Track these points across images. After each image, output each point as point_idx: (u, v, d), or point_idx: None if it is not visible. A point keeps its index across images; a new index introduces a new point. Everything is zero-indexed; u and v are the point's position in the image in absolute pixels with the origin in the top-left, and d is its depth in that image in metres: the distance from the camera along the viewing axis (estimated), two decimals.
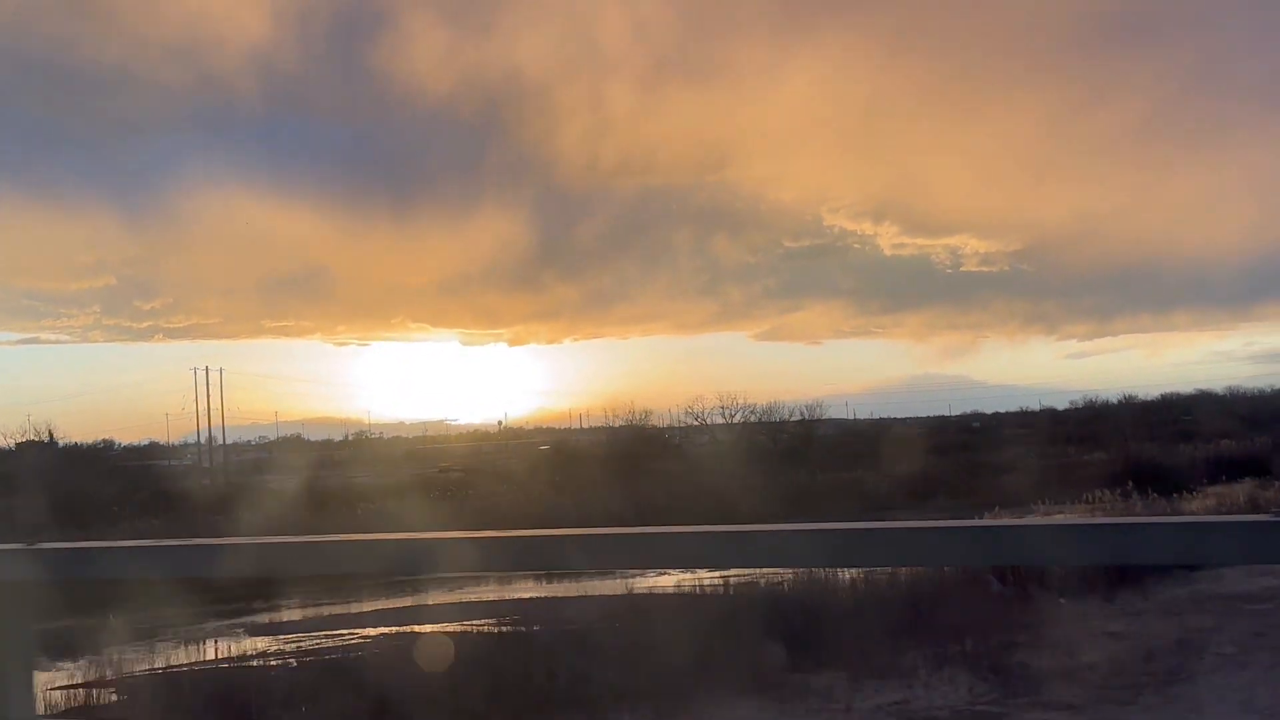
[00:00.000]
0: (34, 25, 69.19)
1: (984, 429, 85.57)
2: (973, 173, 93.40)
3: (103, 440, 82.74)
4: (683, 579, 29.36)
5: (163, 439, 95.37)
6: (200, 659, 24.32)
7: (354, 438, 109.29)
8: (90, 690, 22.13)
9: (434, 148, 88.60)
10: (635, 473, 52.88)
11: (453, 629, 25.32)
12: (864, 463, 54.69)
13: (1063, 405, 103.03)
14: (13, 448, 64.35)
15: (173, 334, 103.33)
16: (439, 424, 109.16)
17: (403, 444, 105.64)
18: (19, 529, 30.95)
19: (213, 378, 79.88)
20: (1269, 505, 33.13)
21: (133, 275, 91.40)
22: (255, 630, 27.41)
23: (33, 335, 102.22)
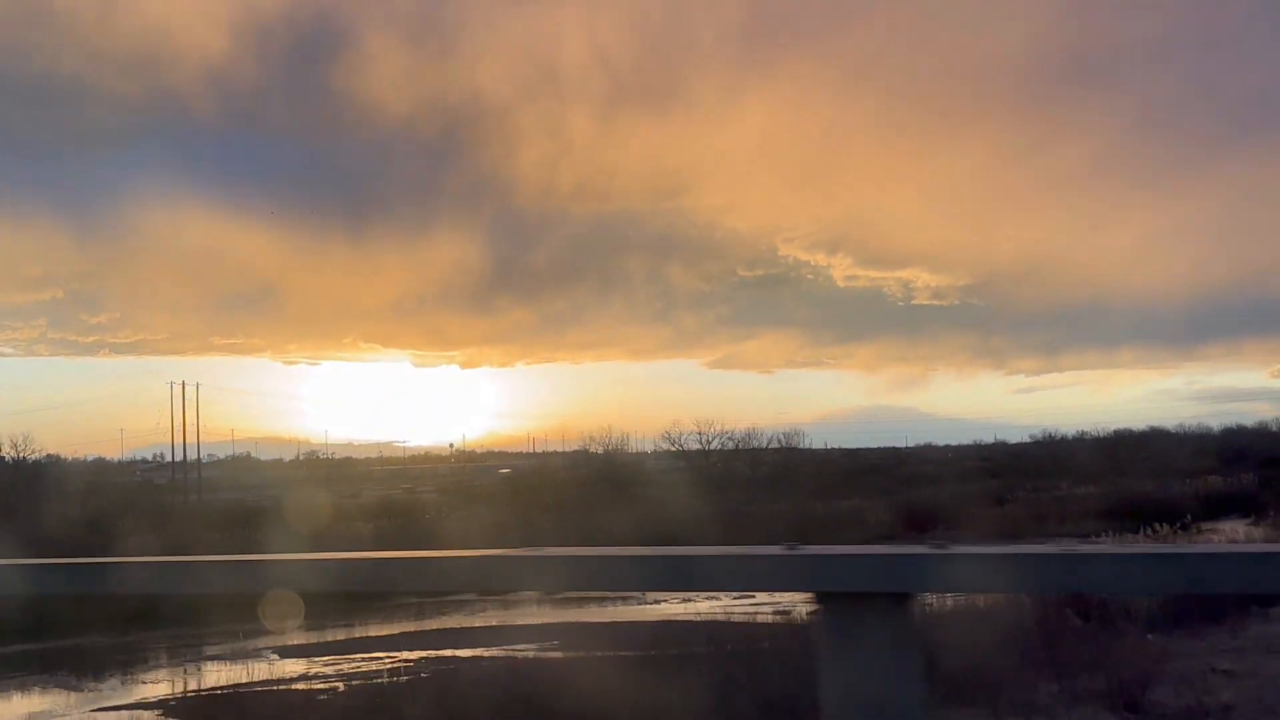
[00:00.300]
0: None
1: (949, 460, 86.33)
2: (926, 207, 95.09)
3: (48, 455, 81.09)
4: (715, 604, 29.28)
5: (110, 455, 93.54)
6: (242, 681, 23.77)
7: (305, 457, 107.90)
8: (135, 714, 21.63)
9: (391, 168, 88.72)
10: (624, 499, 52.66)
11: (495, 653, 25.03)
12: (849, 492, 54.92)
13: (1014, 439, 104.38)
14: None
15: (119, 349, 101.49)
16: (388, 445, 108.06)
17: (356, 465, 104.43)
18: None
19: (185, 392, 78.04)
20: None
21: (81, 289, 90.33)
22: (286, 652, 26.89)
23: None
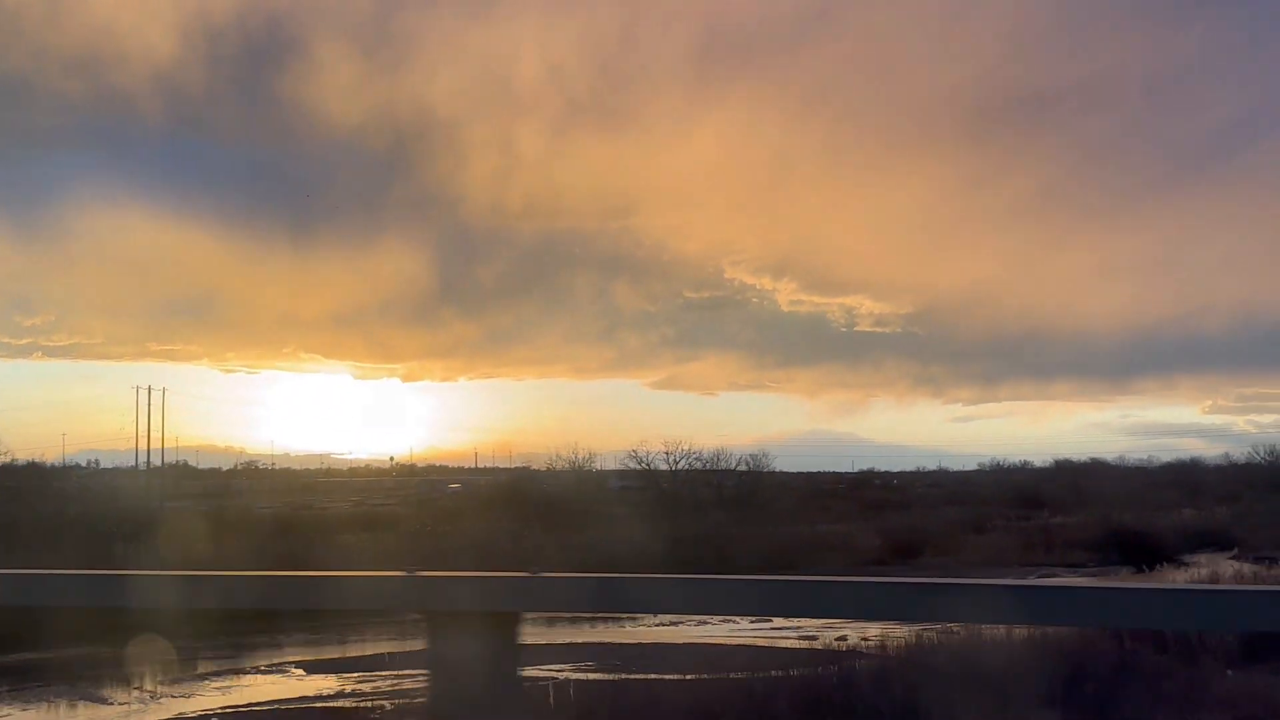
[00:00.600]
0: None
1: (904, 487, 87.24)
2: (872, 235, 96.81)
3: None
4: (741, 632, 29.38)
5: (42, 459, 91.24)
6: (279, 698, 23.34)
7: (244, 466, 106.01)
8: None
9: (338, 178, 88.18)
10: (591, 517, 52.50)
11: (536, 673, 24.81)
12: (825, 516, 55.30)
13: (954, 467, 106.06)
14: None
15: (52, 352, 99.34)
16: (326, 456, 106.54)
17: (297, 475, 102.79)
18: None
19: (155, 399, 76.49)
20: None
21: (15, 290, 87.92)
22: (312, 668, 26.45)
23: None
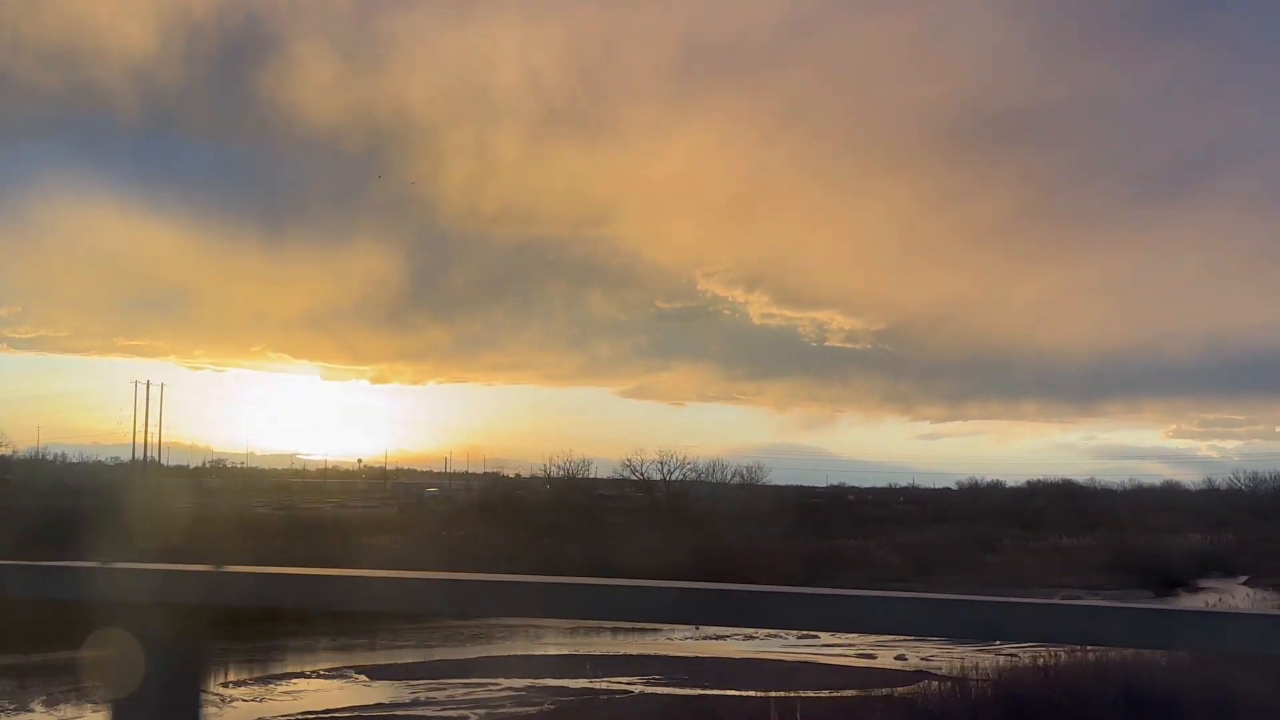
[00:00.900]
0: None
1: (877, 503, 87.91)
2: (845, 251, 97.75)
3: None
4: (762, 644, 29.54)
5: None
6: (354, 704, 23.18)
7: (211, 465, 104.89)
8: None
9: (312, 177, 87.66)
10: (606, 527, 52.59)
11: (607, 685, 24.83)
12: (828, 530, 55.63)
13: (924, 484, 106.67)
14: None
15: (17, 344, 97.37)
16: (291, 456, 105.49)
17: (266, 475, 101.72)
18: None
19: (150, 392, 75.59)
20: None
21: None
22: (374, 674, 26.29)
23: None
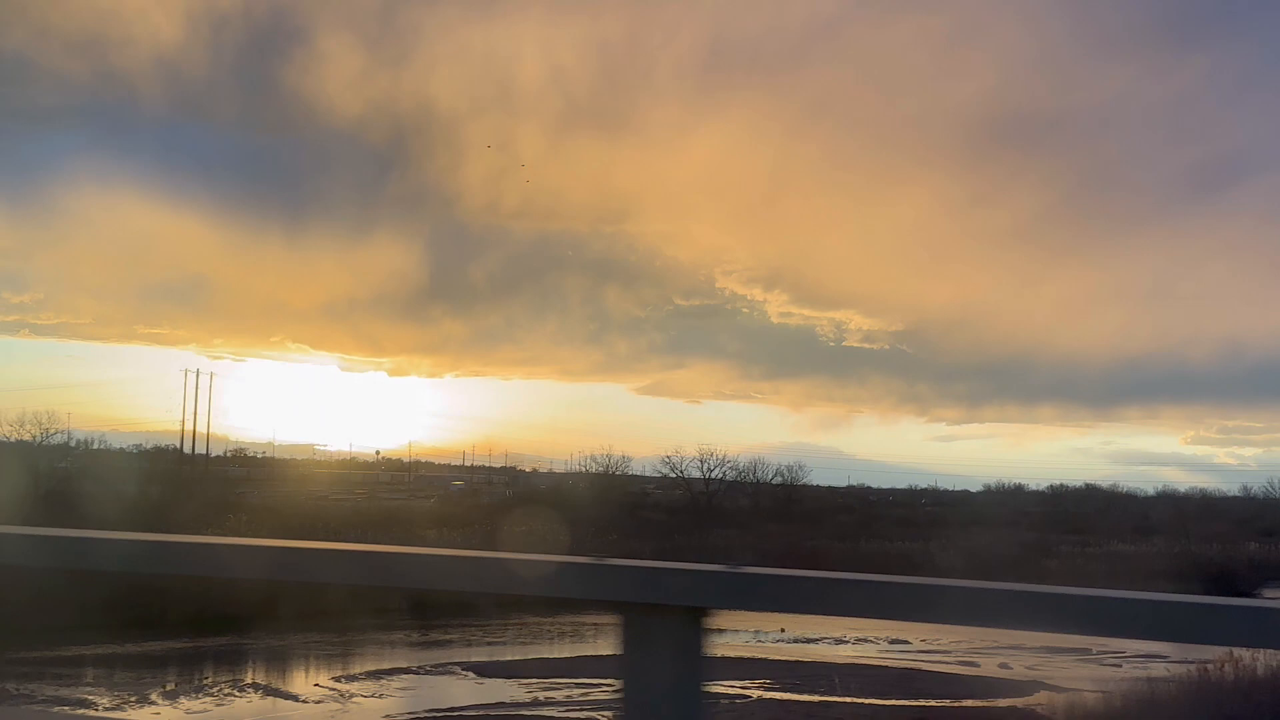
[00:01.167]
0: None
1: (899, 504, 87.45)
2: (865, 251, 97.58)
3: None
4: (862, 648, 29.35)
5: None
6: (473, 703, 22.97)
7: (232, 454, 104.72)
8: None
9: (335, 170, 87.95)
10: (670, 526, 52.36)
11: (720, 689, 24.55)
12: (872, 532, 55.42)
13: (944, 486, 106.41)
14: None
15: (40, 331, 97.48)
16: (308, 447, 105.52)
17: (290, 466, 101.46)
18: None
19: (199, 382, 75.49)
20: None
21: (5, 266, 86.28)
22: (481, 670, 26.12)
23: None
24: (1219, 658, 21.29)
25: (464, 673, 26.06)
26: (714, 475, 66.30)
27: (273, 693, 23.35)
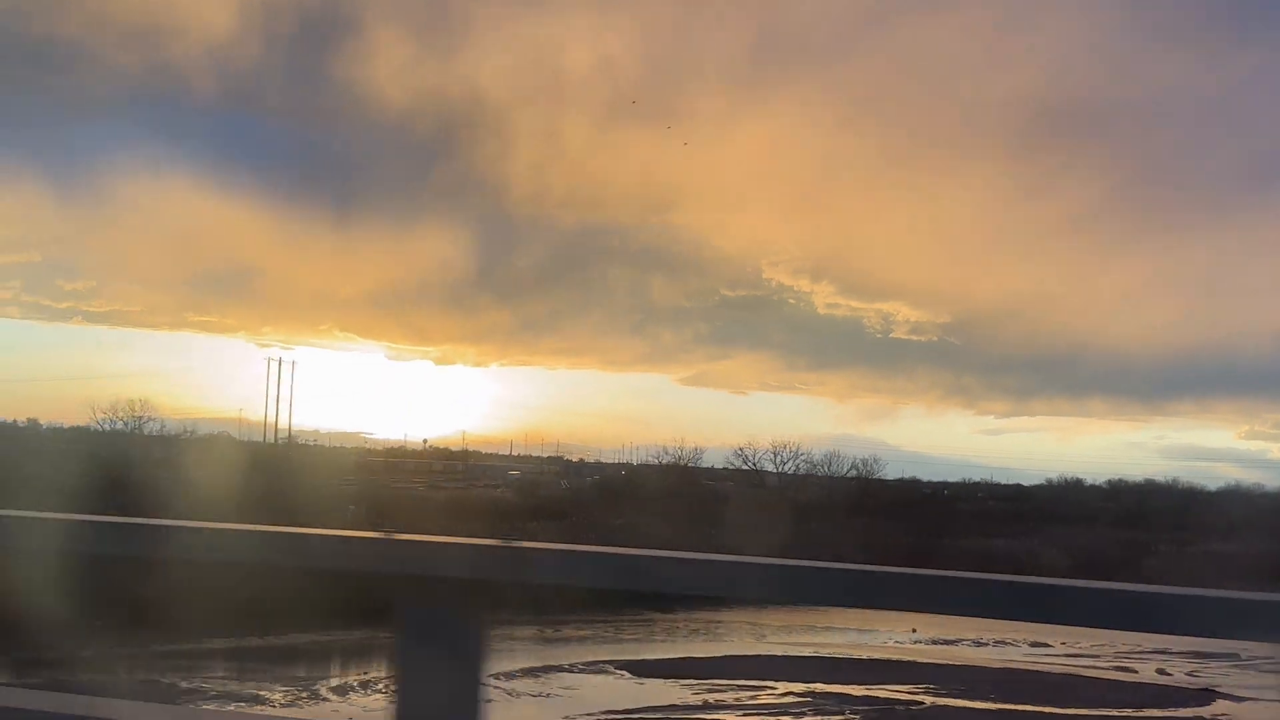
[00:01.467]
0: None
1: (956, 498, 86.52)
2: (913, 242, 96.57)
3: (28, 420, 78.63)
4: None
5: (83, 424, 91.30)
6: (648, 704, 22.73)
7: (283, 442, 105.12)
8: None
9: (383, 160, 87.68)
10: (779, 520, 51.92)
11: (892, 694, 24.28)
12: (961, 529, 54.94)
13: (1000, 479, 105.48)
14: None
15: (92, 318, 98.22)
16: (354, 435, 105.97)
17: (341, 454, 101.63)
18: None
19: (277, 368, 75.78)
20: None
21: (59, 254, 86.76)
22: (635, 670, 25.88)
23: None
24: None
25: (617, 671, 25.84)
26: (786, 468, 65.95)
27: None
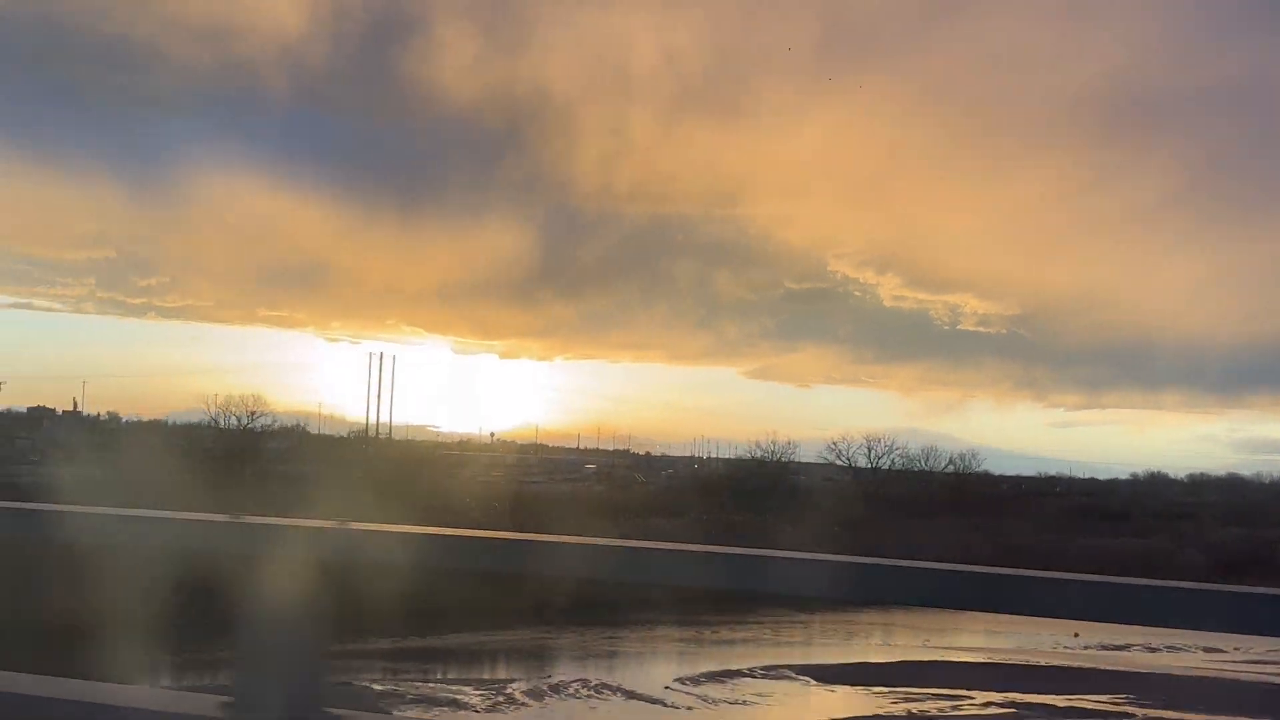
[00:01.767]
0: None
1: (1032, 493, 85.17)
2: (980, 234, 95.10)
3: (108, 413, 79.07)
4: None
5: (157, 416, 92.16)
6: (853, 715, 22.00)
7: (354, 436, 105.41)
8: None
9: (449, 155, 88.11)
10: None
11: (1054, 701, 23.50)
12: (1069, 527, 54.00)
13: (1079, 474, 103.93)
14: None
15: (166, 313, 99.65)
16: (421, 429, 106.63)
17: (414, 448, 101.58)
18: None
19: (374, 366, 76.21)
20: None
21: (133, 250, 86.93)
22: (817, 675, 25.15)
23: (25, 300, 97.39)
24: None
25: (798, 677, 25.14)
26: (881, 463, 65.11)
27: (632, 695, 22.53)
